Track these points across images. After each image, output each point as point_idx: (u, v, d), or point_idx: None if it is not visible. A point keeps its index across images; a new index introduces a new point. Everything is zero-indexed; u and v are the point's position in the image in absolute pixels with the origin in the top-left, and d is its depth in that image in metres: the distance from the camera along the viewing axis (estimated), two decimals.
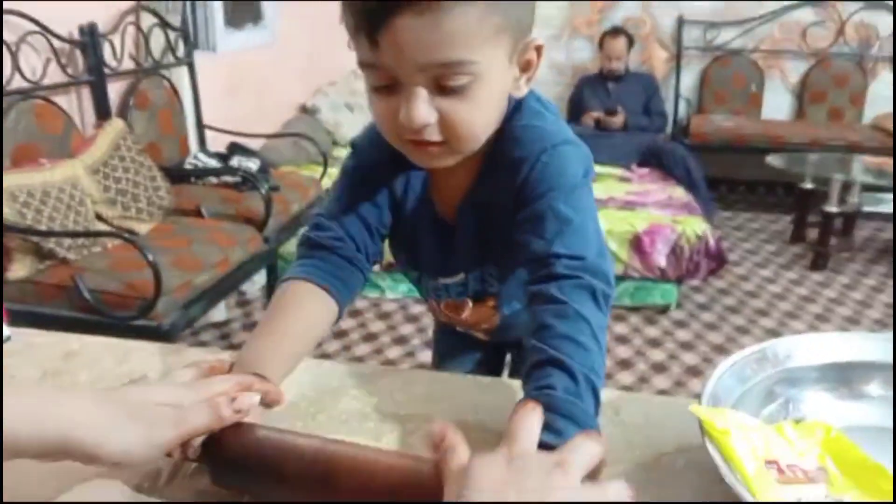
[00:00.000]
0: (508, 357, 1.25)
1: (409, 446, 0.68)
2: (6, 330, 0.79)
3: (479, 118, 0.68)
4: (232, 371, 0.67)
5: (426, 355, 2.70)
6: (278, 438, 0.59)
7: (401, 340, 2.84)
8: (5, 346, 0.79)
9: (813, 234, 3.76)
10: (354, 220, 0.82)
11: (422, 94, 0.63)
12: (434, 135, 0.66)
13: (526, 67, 0.71)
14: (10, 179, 2.07)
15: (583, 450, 0.48)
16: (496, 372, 1.24)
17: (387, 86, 0.65)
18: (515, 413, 0.53)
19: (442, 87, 0.64)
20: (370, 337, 2.86)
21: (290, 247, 3.00)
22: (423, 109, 0.64)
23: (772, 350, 0.67)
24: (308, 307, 0.76)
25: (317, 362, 0.84)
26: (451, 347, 1.21)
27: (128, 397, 0.54)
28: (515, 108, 0.76)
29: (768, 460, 0.55)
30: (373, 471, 0.53)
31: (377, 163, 0.82)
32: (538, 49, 0.71)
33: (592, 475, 0.48)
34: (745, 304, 3.18)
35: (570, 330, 0.65)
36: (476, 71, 0.63)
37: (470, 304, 0.95)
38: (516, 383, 0.77)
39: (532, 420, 0.51)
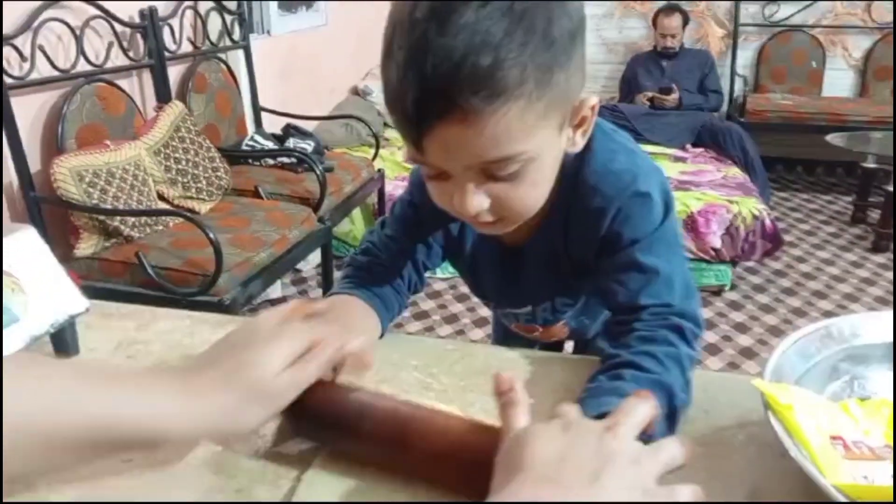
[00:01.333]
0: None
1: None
2: (84, 301, 0.83)
3: (532, 195, 0.67)
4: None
5: (476, 334, 2.72)
6: (357, 396, 0.61)
7: (451, 319, 2.86)
8: (84, 318, 0.83)
9: (874, 215, 3.65)
10: (404, 252, 0.86)
11: (471, 186, 0.63)
12: (488, 217, 0.66)
13: (581, 124, 0.68)
14: (76, 160, 2.15)
15: (634, 412, 0.48)
16: None
17: (437, 175, 0.65)
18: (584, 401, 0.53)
19: (492, 176, 0.62)
20: (421, 315, 2.89)
21: (344, 227, 3.05)
22: (475, 199, 0.63)
23: (837, 327, 0.66)
24: (363, 312, 0.80)
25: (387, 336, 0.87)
26: (510, 336, 1.23)
27: (246, 377, 0.54)
28: (584, 153, 0.73)
29: (833, 436, 0.55)
30: (445, 433, 0.55)
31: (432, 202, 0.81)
32: (592, 108, 0.67)
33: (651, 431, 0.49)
34: (802, 286, 3.11)
35: (653, 349, 0.66)
36: (525, 158, 0.61)
37: (539, 328, 0.98)
38: (577, 358, 0.78)
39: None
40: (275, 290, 2.92)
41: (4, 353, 0.71)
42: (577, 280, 0.83)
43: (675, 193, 3.26)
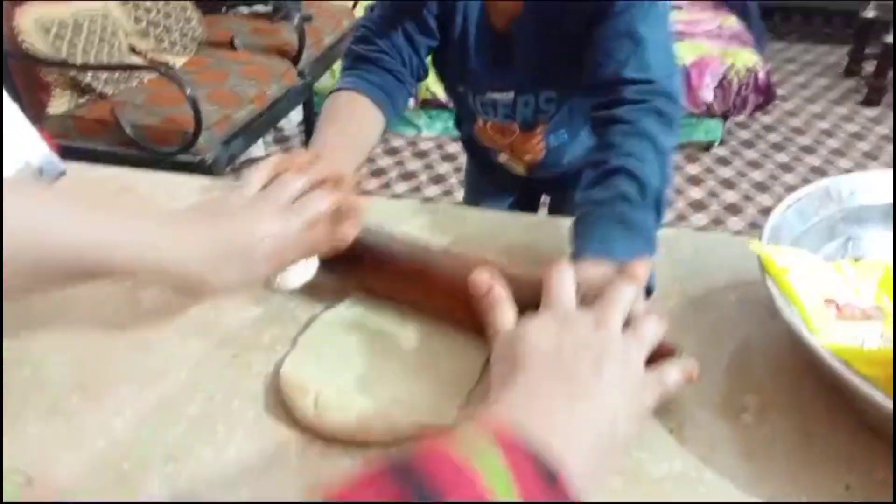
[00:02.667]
0: (544, 199, 1.23)
1: None
2: (61, 164, 0.80)
3: None
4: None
5: (462, 195, 2.71)
6: (381, 233, 0.62)
7: (438, 179, 2.84)
8: (61, 181, 0.80)
9: (869, 67, 3.57)
10: (399, 34, 0.80)
11: None
12: None
13: None
14: (39, 9, 2.02)
15: (620, 297, 0.47)
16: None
17: None
18: (548, 275, 0.50)
19: None
20: (408, 176, 2.86)
21: (326, 81, 2.95)
22: None
23: (835, 187, 0.65)
24: (361, 112, 0.77)
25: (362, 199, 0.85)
26: (484, 186, 1.20)
27: (231, 235, 0.52)
28: None
29: (827, 299, 0.55)
30: (467, 267, 0.54)
31: None
32: None
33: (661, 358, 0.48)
34: (791, 141, 3.09)
35: (636, 147, 0.64)
36: None
37: (517, 129, 0.92)
38: (562, 220, 0.77)
39: (566, 280, 0.49)
40: (257, 149, 2.87)
41: None
42: (566, 64, 0.78)
43: None
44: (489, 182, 1.17)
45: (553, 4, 0.75)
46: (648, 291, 0.60)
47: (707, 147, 3.02)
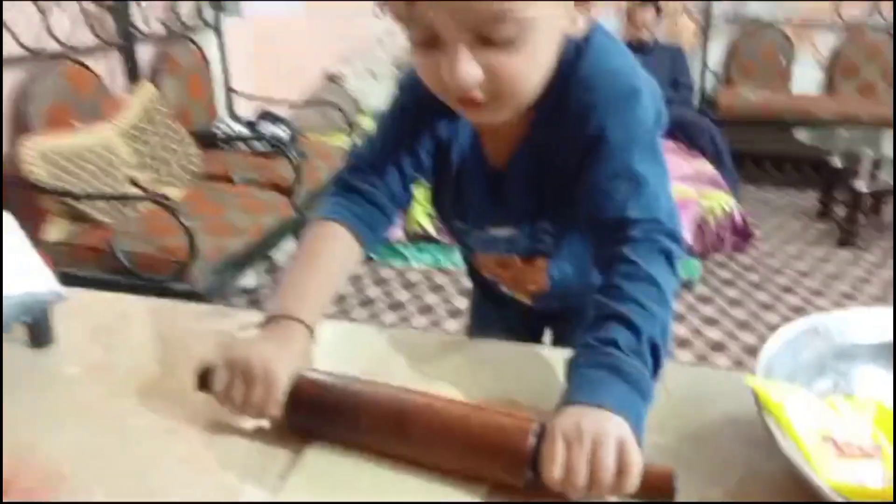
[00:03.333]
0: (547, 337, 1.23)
1: None
2: (61, 289, 0.81)
3: (529, 71, 0.63)
4: (270, 307, 0.69)
5: (451, 325, 2.72)
6: (350, 386, 0.61)
7: (426, 310, 2.85)
8: (60, 306, 0.81)
9: (841, 211, 3.72)
10: (389, 167, 0.81)
11: (464, 50, 0.58)
12: (480, 94, 0.62)
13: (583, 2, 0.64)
14: (44, 142, 2.10)
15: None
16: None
17: (427, 41, 0.60)
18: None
19: (486, 41, 0.58)
20: (396, 306, 2.87)
21: None
22: (467, 68, 0.59)
23: (823, 324, 0.67)
24: (338, 248, 0.78)
25: (362, 329, 0.86)
26: (488, 319, 1.19)
27: None
28: (581, 45, 0.69)
29: (824, 436, 0.56)
30: (445, 417, 0.54)
31: (421, 104, 0.76)
32: None
33: None
34: (770, 281, 3.16)
35: (639, 292, 0.63)
36: (523, 20, 0.58)
37: (518, 261, 0.90)
38: (559, 353, 0.77)
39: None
40: (249, 280, 2.89)
41: None
42: (561, 198, 0.78)
43: None
44: (494, 312, 1.17)
45: (548, 142, 0.75)
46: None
47: (687, 285, 3.08)
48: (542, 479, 0.53)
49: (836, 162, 3.73)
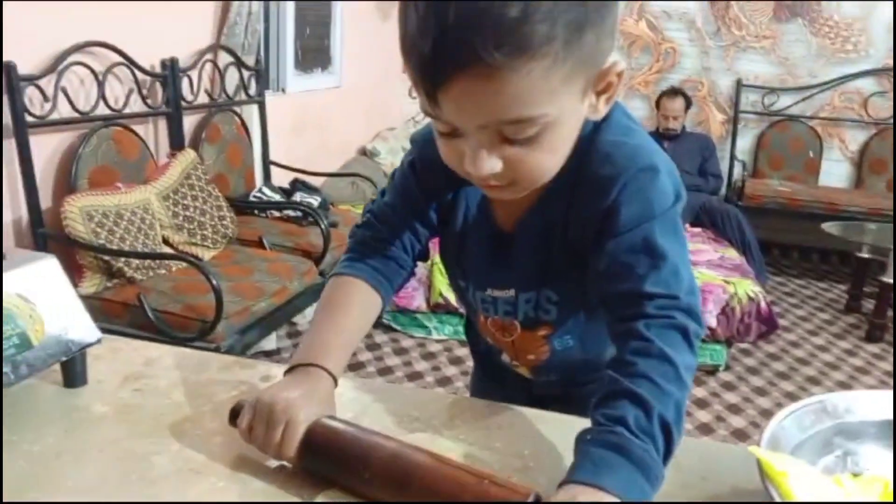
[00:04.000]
0: None
1: None
2: (97, 333, 0.85)
3: (548, 162, 0.64)
4: (294, 359, 0.73)
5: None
6: (361, 436, 0.63)
7: (444, 381, 2.85)
8: (93, 350, 0.84)
9: (868, 304, 3.69)
10: (402, 221, 0.84)
11: (484, 147, 0.60)
12: (500, 180, 0.64)
13: (605, 89, 0.65)
14: (87, 200, 2.19)
15: None
16: None
17: (450, 133, 0.63)
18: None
19: (507, 138, 0.60)
20: (415, 376, 2.88)
21: None
22: (487, 162, 0.61)
23: (831, 402, 0.68)
24: (357, 303, 0.80)
25: (380, 385, 0.88)
26: (490, 391, 1.17)
27: None
28: (601, 121, 0.71)
29: None
30: (448, 481, 0.56)
31: (434, 161, 0.74)
32: (619, 74, 0.64)
33: None
34: (797, 371, 3.12)
35: (652, 370, 0.62)
36: (544, 122, 0.59)
37: (519, 328, 0.89)
38: (572, 419, 0.78)
39: None
40: (269, 342, 2.92)
41: (15, 381, 0.72)
42: (568, 268, 0.78)
43: None
44: (495, 387, 1.15)
45: (560, 210, 0.75)
46: None
47: (713, 371, 3.05)
48: None
49: (865, 253, 3.72)
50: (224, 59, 3.05)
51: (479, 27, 0.52)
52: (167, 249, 2.48)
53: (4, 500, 0.60)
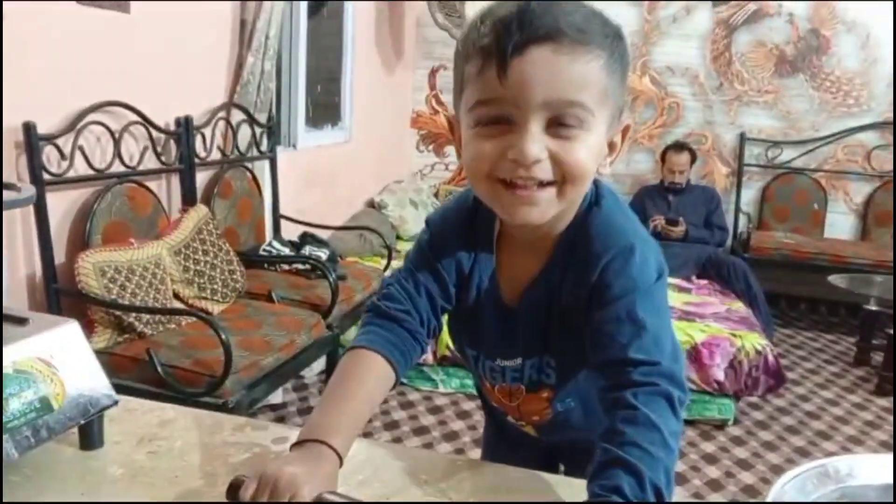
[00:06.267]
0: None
1: None
2: (114, 396, 0.86)
3: (582, 161, 0.72)
4: (303, 430, 0.75)
5: (476, 453, 2.69)
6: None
7: (451, 436, 2.84)
8: (109, 410, 0.86)
9: (878, 357, 3.67)
10: (422, 296, 0.88)
11: (537, 130, 0.69)
12: (542, 173, 0.71)
13: (611, 148, 0.78)
14: (100, 256, 2.23)
15: None
16: None
17: (498, 121, 0.70)
18: None
19: (555, 128, 0.70)
20: (421, 430, 2.87)
21: (352, 335, 3.08)
22: (538, 144, 0.69)
23: (833, 466, 0.69)
24: (372, 376, 0.82)
25: (388, 446, 0.89)
26: (501, 454, 1.20)
27: None
28: (594, 202, 0.81)
29: None
30: None
31: (448, 240, 0.88)
32: (624, 132, 0.78)
33: None
34: (806, 426, 3.09)
35: (640, 437, 0.67)
36: (587, 119, 0.70)
37: (524, 391, 0.95)
38: (580, 483, 0.80)
39: None
40: (276, 396, 2.93)
41: (35, 445, 0.74)
42: (564, 336, 0.85)
43: (679, 324, 3.26)
44: (507, 444, 1.18)
45: (557, 283, 0.83)
46: None
47: (721, 425, 3.03)
48: None
49: (873, 305, 3.71)
50: (237, 116, 3.12)
51: (558, 10, 0.67)
52: (178, 304, 2.50)
53: None
